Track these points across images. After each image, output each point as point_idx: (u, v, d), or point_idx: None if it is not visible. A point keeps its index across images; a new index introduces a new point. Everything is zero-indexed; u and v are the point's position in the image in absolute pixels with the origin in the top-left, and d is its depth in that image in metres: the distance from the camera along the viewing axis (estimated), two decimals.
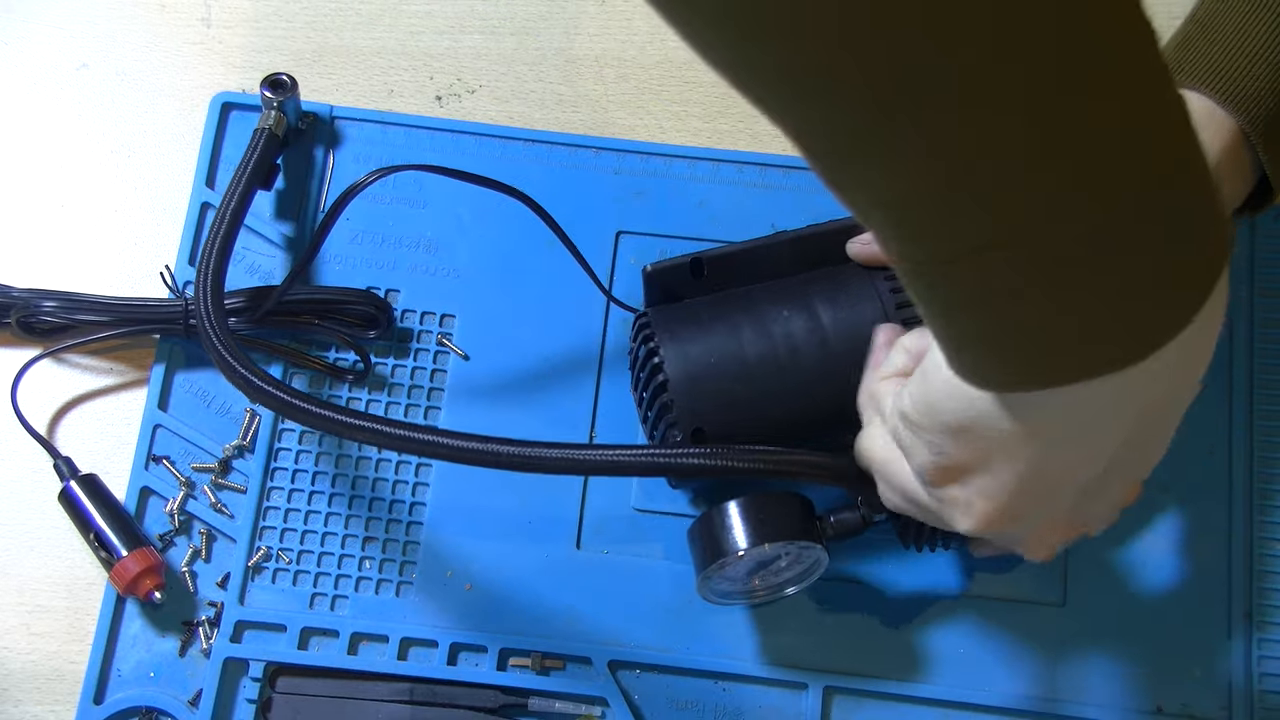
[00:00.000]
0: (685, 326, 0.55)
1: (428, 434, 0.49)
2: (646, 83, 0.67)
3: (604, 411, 0.61)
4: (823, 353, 0.54)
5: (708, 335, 0.55)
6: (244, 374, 0.51)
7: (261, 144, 0.61)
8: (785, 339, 0.55)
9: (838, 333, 0.55)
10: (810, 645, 0.58)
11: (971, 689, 0.57)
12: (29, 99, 0.67)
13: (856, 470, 0.51)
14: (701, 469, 0.50)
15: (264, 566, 0.59)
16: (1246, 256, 0.62)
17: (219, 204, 0.59)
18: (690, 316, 0.56)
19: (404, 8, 0.68)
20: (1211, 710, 0.57)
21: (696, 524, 0.54)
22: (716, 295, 0.57)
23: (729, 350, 0.55)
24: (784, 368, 0.54)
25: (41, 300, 0.61)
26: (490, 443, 0.49)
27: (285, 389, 0.51)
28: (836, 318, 0.55)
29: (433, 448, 0.49)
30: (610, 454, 0.50)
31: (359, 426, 0.50)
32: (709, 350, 0.55)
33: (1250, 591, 0.58)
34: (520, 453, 0.49)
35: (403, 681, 0.58)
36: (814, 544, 0.53)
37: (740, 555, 0.52)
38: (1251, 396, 0.60)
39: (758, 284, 0.57)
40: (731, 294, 0.57)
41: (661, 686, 0.58)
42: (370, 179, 0.56)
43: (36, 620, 0.60)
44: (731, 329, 0.55)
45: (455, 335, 0.63)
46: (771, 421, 0.54)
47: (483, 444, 0.49)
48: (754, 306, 0.56)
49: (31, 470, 0.61)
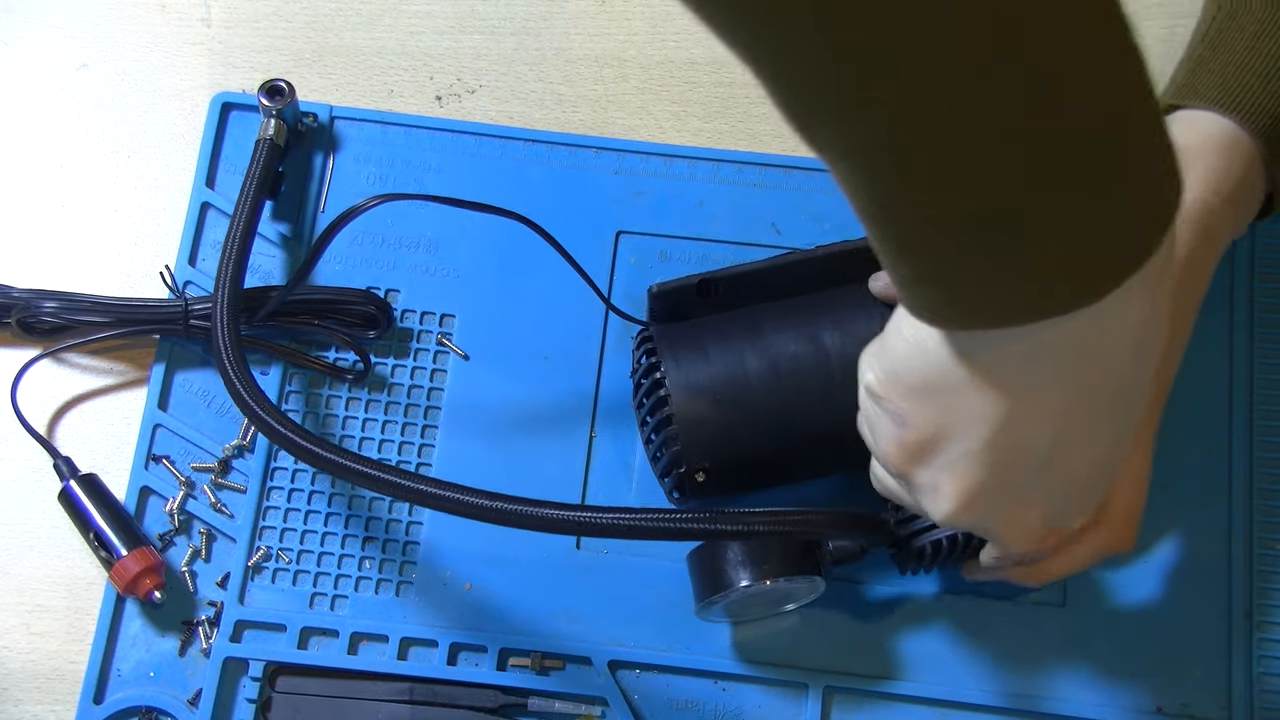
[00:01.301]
0: (691, 355, 0.55)
1: (462, 494, 0.48)
2: (646, 83, 0.67)
3: (604, 411, 0.61)
4: (828, 384, 0.54)
5: (712, 365, 0.54)
6: (265, 418, 0.52)
7: (264, 156, 0.61)
8: (792, 371, 0.54)
9: (843, 361, 0.54)
10: (810, 645, 0.58)
11: (971, 689, 0.57)
12: (29, 99, 0.67)
13: (870, 520, 0.51)
14: (724, 533, 0.49)
15: (264, 566, 0.59)
16: (1246, 257, 0.62)
17: (228, 225, 0.59)
18: (696, 344, 0.55)
19: (404, 8, 0.68)
20: (1211, 710, 0.57)
21: (697, 554, 0.54)
22: (722, 316, 0.56)
23: (734, 380, 0.54)
24: (790, 401, 0.54)
25: (42, 301, 0.61)
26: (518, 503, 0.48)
27: (310, 437, 0.51)
28: (845, 346, 0.54)
29: (458, 505, 0.49)
30: (629, 517, 0.48)
31: (375, 478, 0.50)
32: (714, 381, 0.54)
33: (1250, 591, 0.58)
34: (570, 516, 0.48)
35: (403, 681, 0.58)
36: (814, 576, 0.53)
37: (741, 589, 0.52)
38: (1251, 396, 0.60)
39: (764, 304, 0.57)
40: (737, 316, 0.56)
41: (661, 686, 0.58)
42: (370, 204, 0.56)
43: (36, 620, 0.60)
44: (737, 358, 0.54)
45: (455, 335, 0.63)
46: (777, 452, 0.54)
47: (512, 504, 0.48)
48: (760, 333, 0.55)
49: (31, 470, 0.61)
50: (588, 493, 0.60)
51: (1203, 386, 0.60)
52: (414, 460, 0.61)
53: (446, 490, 0.48)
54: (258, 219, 0.60)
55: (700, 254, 0.63)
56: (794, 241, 0.63)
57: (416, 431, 0.61)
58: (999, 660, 0.57)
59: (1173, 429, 0.59)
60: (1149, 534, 0.59)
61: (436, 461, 0.61)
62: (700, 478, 0.54)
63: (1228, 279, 0.62)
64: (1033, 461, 0.41)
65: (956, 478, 0.42)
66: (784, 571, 0.52)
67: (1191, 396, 0.60)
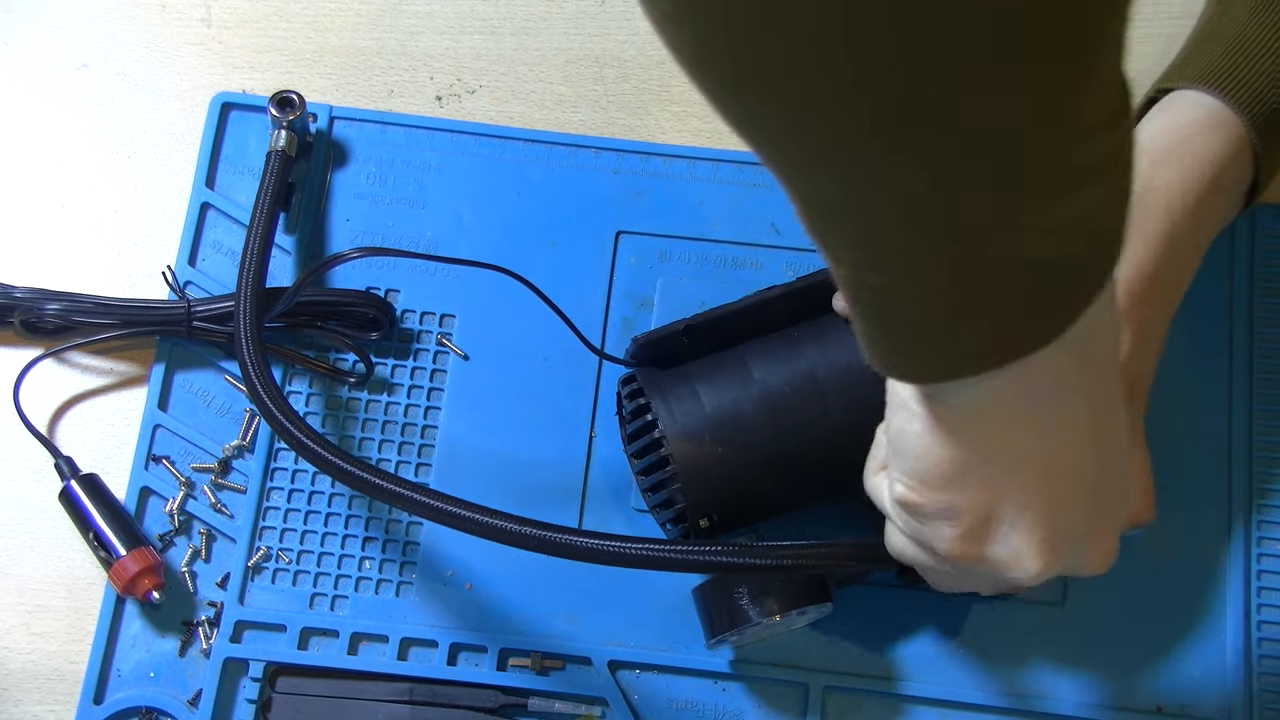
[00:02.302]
0: (685, 404, 0.54)
1: (507, 521, 0.48)
2: (646, 83, 0.67)
3: (603, 411, 0.61)
4: (822, 416, 0.54)
5: (706, 411, 0.54)
6: (294, 432, 0.51)
7: (277, 168, 0.61)
8: (787, 409, 0.53)
9: (834, 389, 0.54)
10: (810, 645, 0.58)
11: (971, 689, 0.57)
12: (29, 99, 0.67)
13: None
14: (752, 567, 0.49)
15: (264, 566, 0.59)
16: (1246, 257, 0.62)
17: (243, 241, 0.59)
18: (688, 391, 0.54)
19: (404, 8, 0.68)
20: (1211, 710, 0.57)
21: (705, 589, 0.54)
22: (708, 360, 0.56)
23: (731, 423, 0.53)
24: (787, 440, 0.53)
25: (45, 302, 0.61)
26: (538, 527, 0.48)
27: (351, 458, 0.50)
28: (834, 375, 0.54)
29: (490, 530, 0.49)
30: (647, 548, 0.48)
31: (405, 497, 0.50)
32: (711, 427, 0.53)
33: (1250, 591, 0.58)
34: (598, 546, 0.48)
35: (403, 681, 0.58)
36: (825, 602, 0.53)
37: (757, 624, 0.52)
38: (1251, 396, 0.60)
39: (748, 343, 0.56)
40: (724, 358, 0.56)
41: (661, 686, 0.58)
42: (353, 255, 0.56)
43: (36, 620, 0.60)
44: (731, 402, 0.54)
45: (455, 335, 0.63)
46: (776, 488, 0.54)
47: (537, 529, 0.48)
48: (749, 372, 0.54)
49: (32, 470, 0.61)
50: (587, 493, 0.60)
51: (1203, 386, 0.60)
52: (414, 461, 0.61)
53: (492, 518, 0.48)
54: (273, 234, 0.60)
55: (700, 254, 0.63)
56: (794, 241, 0.63)
57: (416, 432, 0.61)
58: (999, 660, 0.58)
59: (1173, 429, 0.59)
60: (1149, 534, 0.59)
61: (436, 462, 0.61)
62: (705, 524, 0.54)
63: (1228, 280, 0.62)
64: (1085, 479, 0.41)
65: (1030, 531, 0.41)
66: (797, 603, 0.52)
67: (1192, 397, 0.60)
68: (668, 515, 0.55)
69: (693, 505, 0.53)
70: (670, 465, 0.53)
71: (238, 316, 0.56)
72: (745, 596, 0.52)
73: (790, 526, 0.58)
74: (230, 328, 0.59)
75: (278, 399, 0.52)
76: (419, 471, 0.61)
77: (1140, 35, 0.55)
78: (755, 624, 0.52)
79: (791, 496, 0.55)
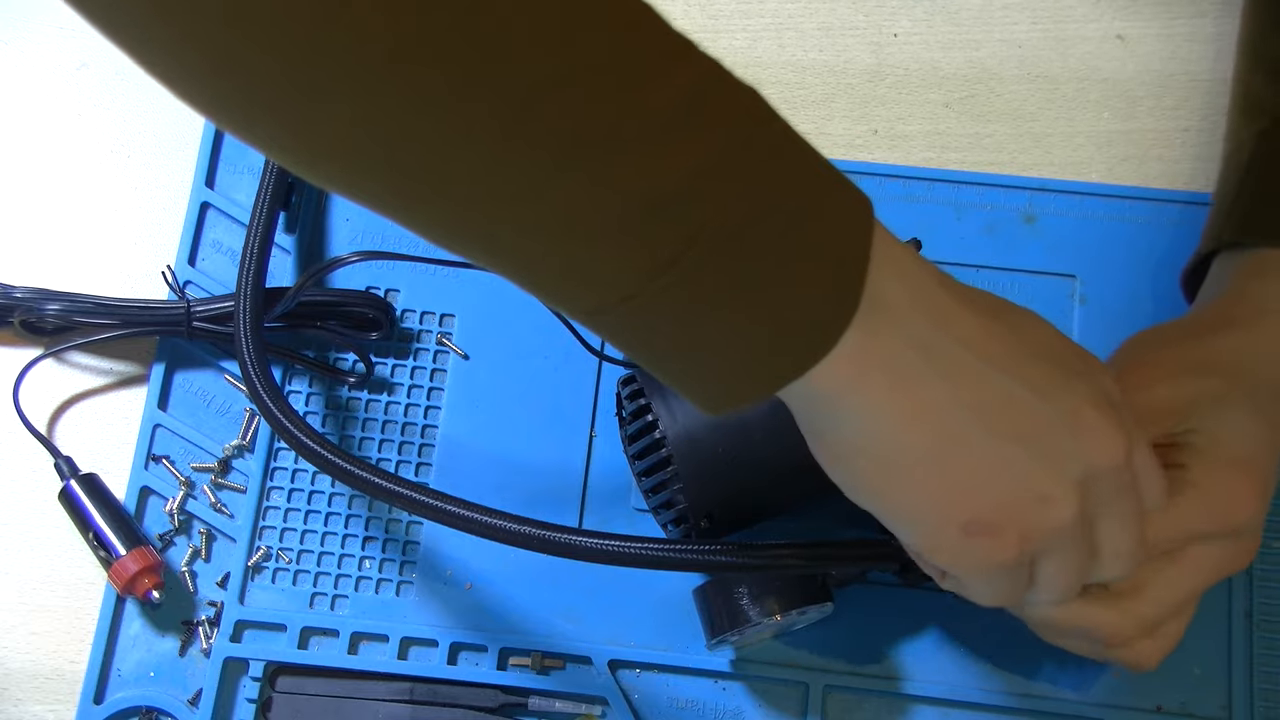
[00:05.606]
0: (683, 403, 0.53)
1: (518, 524, 0.48)
2: None
3: (603, 411, 0.61)
4: None
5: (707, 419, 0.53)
6: (294, 432, 0.51)
7: (277, 167, 0.61)
8: (788, 408, 0.53)
9: None
10: (810, 645, 0.58)
11: (971, 688, 0.57)
12: (29, 99, 0.67)
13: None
14: (749, 566, 0.49)
15: (264, 566, 0.59)
16: None
17: (243, 241, 0.59)
18: None
19: None
20: (1211, 710, 0.57)
21: (706, 590, 0.54)
22: None
23: (732, 422, 0.53)
24: (787, 442, 0.53)
25: (45, 302, 0.61)
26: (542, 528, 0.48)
27: (348, 457, 0.50)
28: None
29: (496, 531, 0.49)
30: (647, 548, 0.48)
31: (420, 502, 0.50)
32: (711, 427, 0.53)
33: (1250, 591, 0.58)
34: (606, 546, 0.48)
35: (403, 681, 0.58)
36: (825, 602, 0.53)
37: (757, 623, 0.52)
38: None
39: None
40: None
41: (661, 686, 0.58)
42: (352, 259, 0.56)
43: (36, 620, 0.60)
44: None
45: (455, 335, 0.63)
46: (775, 489, 0.54)
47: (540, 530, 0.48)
48: None
49: (32, 470, 0.61)
50: (587, 493, 0.60)
51: None
52: (414, 460, 0.61)
53: (492, 518, 0.48)
54: (273, 233, 0.60)
55: None
56: None
57: (416, 431, 0.61)
58: (999, 660, 0.58)
59: None
60: None
61: (436, 462, 0.61)
62: (705, 524, 0.54)
63: None
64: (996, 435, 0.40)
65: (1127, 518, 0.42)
66: (797, 603, 0.52)
67: None
68: (668, 516, 0.55)
69: (693, 506, 0.53)
70: (671, 466, 0.53)
71: (238, 316, 0.56)
72: (745, 596, 0.52)
73: (790, 526, 0.58)
74: (230, 327, 0.59)
75: (278, 399, 0.52)
76: (419, 471, 0.61)
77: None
78: (755, 624, 0.52)
79: (792, 496, 0.55)
